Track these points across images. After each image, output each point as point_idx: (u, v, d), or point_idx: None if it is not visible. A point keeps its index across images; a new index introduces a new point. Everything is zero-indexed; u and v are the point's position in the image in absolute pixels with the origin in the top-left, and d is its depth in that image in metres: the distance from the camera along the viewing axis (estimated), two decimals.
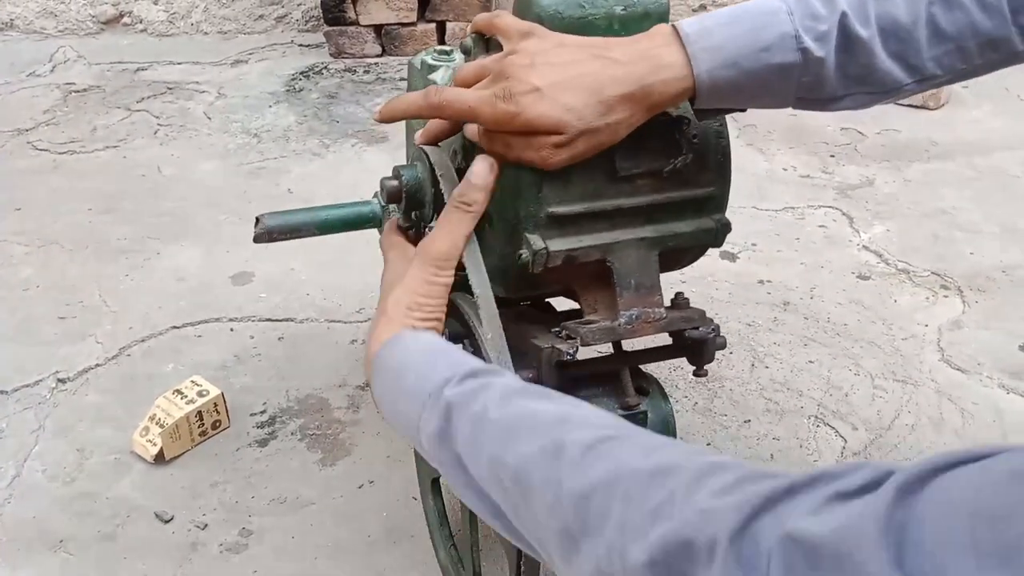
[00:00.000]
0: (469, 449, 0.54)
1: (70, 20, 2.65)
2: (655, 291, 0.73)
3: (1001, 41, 0.63)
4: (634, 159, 0.69)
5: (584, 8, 0.68)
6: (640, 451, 0.46)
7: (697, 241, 0.75)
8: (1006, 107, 2.07)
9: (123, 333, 1.35)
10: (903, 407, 1.19)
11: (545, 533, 0.48)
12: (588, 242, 0.71)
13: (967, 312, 1.38)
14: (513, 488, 0.50)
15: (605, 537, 0.43)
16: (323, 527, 1.04)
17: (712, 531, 0.38)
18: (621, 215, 0.71)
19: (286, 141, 1.94)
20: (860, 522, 0.32)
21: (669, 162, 0.71)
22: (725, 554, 0.37)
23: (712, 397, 1.21)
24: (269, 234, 0.83)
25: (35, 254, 1.56)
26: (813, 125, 1.96)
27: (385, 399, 0.63)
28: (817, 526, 0.34)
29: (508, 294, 0.80)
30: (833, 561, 0.33)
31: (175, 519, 1.05)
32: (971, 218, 1.63)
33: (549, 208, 0.69)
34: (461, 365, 0.58)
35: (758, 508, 0.37)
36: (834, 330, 1.34)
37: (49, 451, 1.14)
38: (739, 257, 1.52)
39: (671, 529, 0.40)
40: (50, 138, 1.97)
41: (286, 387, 1.24)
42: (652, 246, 0.73)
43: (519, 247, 0.69)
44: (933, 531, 0.30)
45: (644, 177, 0.71)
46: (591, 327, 0.71)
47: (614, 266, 0.72)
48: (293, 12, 2.67)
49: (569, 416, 0.51)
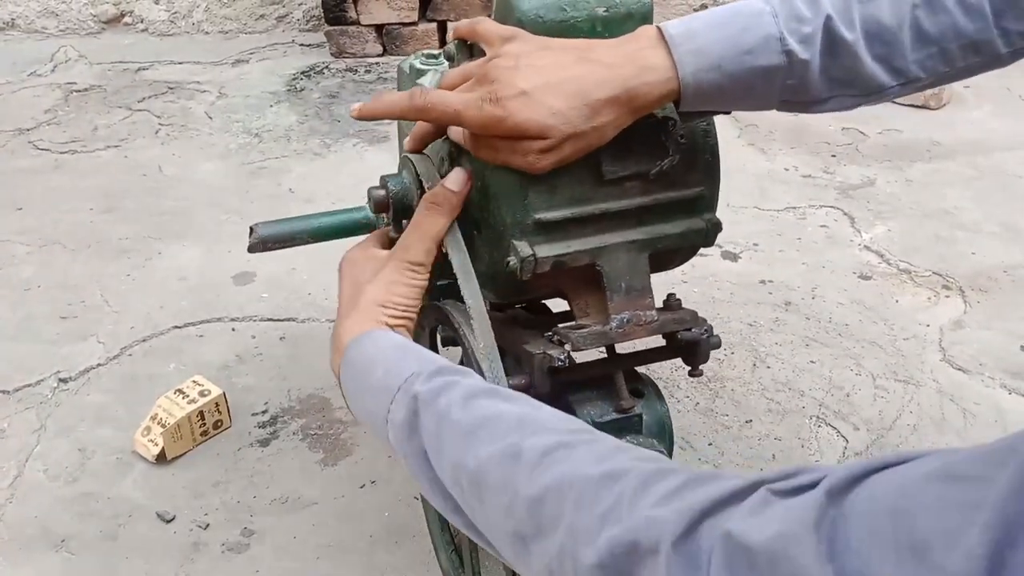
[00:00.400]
0: (433, 445, 0.55)
1: (71, 20, 2.65)
2: (646, 294, 0.73)
3: (983, 44, 0.63)
4: (621, 162, 0.69)
5: (566, 11, 0.68)
6: (592, 457, 0.47)
7: (687, 242, 0.75)
8: (1007, 107, 2.07)
9: (125, 333, 1.35)
10: (905, 407, 1.19)
11: (499, 534, 0.50)
12: (576, 247, 0.71)
13: (969, 312, 1.38)
14: (470, 489, 0.51)
15: (557, 540, 0.45)
16: (325, 527, 1.04)
17: (657, 535, 0.40)
18: (609, 219, 0.71)
19: (287, 141, 1.94)
20: (794, 520, 0.34)
21: (656, 164, 0.70)
22: (669, 556, 0.38)
23: (714, 397, 1.21)
24: (263, 243, 0.83)
25: (36, 253, 1.56)
26: (815, 125, 1.96)
27: (353, 391, 0.64)
28: (754, 525, 0.36)
29: (499, 299, 0.79)
30: (768, 557, 0.34)
31: (177, 519, 1.05)
32: (973, 218, 1.63)
33: (536, 214, 0.68)
34: (430, 363, 0.59)
35: (702, 512, 0.39)
36: (836, 330, 1.34)
37: (51, 451, 1.14)
38: (741, 257, 1.52)
39: (618, 533, 0.41)
40: (51, 138, 1.97)
41: (288, 387, 1.24)
42: (642, 248, 0.72)
43: (507, 254, 0.69)
44: (859, 529, 0.32)
45: (631, 180, 0.70)
46: (582, 332, 0.71)
47: (604, 270, 0.71)
48: (294, 12, 2.67)
49: (528, 420, 0.52)
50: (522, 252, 0.68)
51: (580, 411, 0.74)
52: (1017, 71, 0.72)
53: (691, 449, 1.13)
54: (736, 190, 1.71)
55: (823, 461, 1.11)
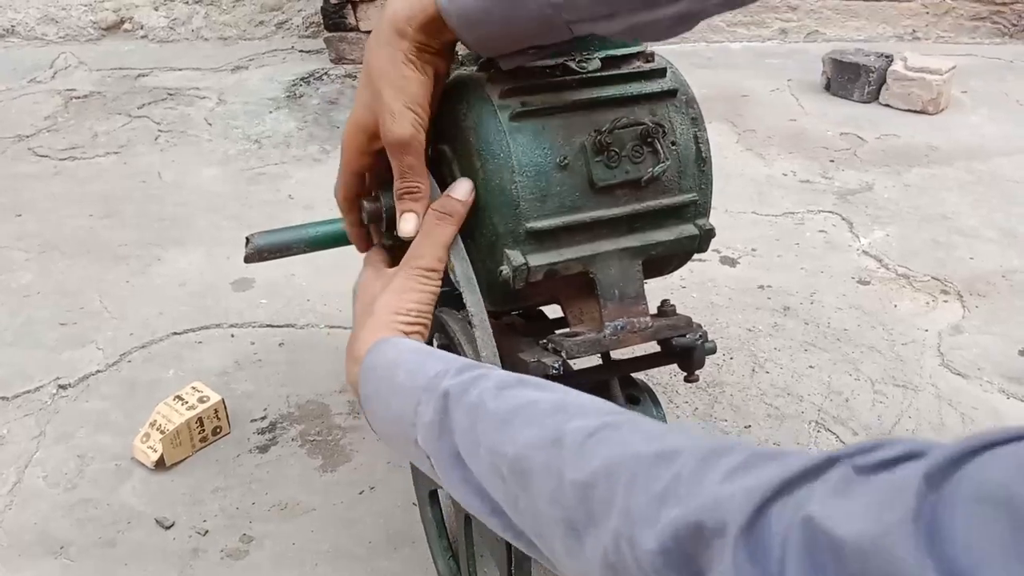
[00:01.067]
0: (467, 440, 0.52)
1: (71, 26, 2.65)
2: (640, 300, 0.73)
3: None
4: (612, 169, 0.69)
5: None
6: (642, 436, 0.45)
7: (681, 248, 0.75)
8: (1005, 112, 2.08)
9: (124, 339, 1.35)
10: (903, 412, 1.19)
11: (547, 525, 0.47)
12: (569, 255, 0.71)
13: (967, 317, 1.38)
14: (512, 479, 0.49)
15: (611, 525, 0.42)
16: (324, 533, 1.04)
17: (723, 515, 0.36)
18: (601, 226, 0.71)
19: (287, 147, 1.94)
20: (888, 506, 0.30)
21: (647, 171, 0.70)
22: (736, 539, 0.35)
23: (713, 403, 1.21)
24: (259, 254, 0.84)
25: (36, 260, 1.56)
26: (813, 131, 1.96)
27: (375, 398, 0.62)
28: (839, 509, 0.32)
29: (494, 308, 0.80)
30: (857, 547, 0.30)
31: (176, 525, 1.05)
32: (970, 223, 1.63)
33: (528, 223, 0.69)
34: (454, 360, 0.58)
35: (773, 491, 0.35)
36: (834, 335, 1.34)
37: (50, 457, 1.14)
38: (739, 262, 1.52)
39: (680, 514, 0.38)
40: (51, 144, 1.97)
41: (287, 393, 1.24)
42: (635, 255, 0.72)
43: (500, 263, 0.69)
44: (966, 519, 0.28)
45: (623, 187, 0.71)
46: (576, 340, 0.71)
47: (597, 277, 0.71)
48: (294, 18, 2.67)
49: (567, 404, 0.50)
50: (515, 261, 0.68)
51: None
52: (1014, 75, 0.72)
53: None
54: (734, 195, 1.71)
55: None
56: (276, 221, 1.53)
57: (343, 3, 2.30)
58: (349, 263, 1.37)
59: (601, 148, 0.68)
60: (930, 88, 2.05)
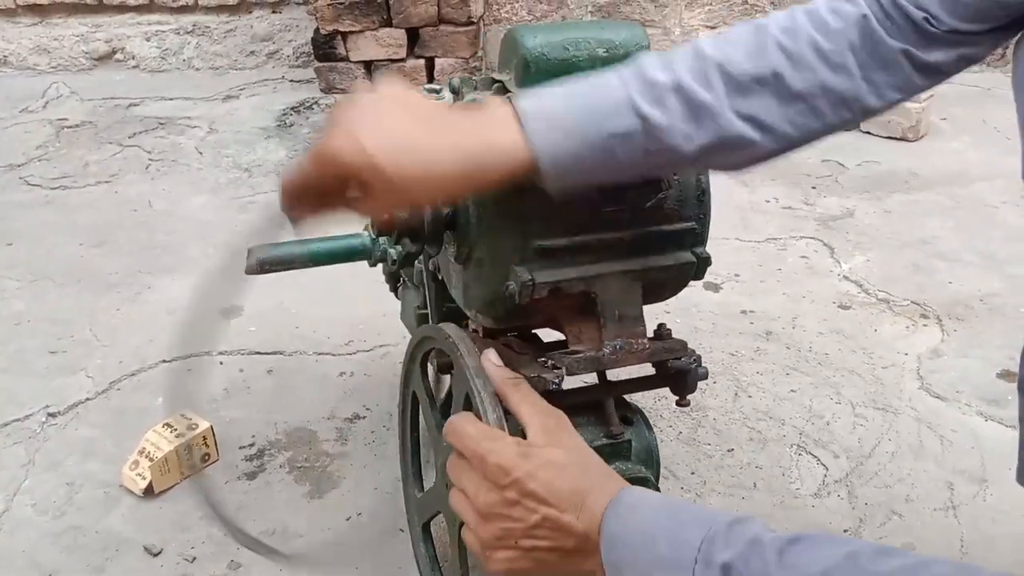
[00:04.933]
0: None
1: (63, 56, 2.68)
2: (639, 322, 0.75)
3: (852, 99, 0.63)
4: (616, 194, 0.72)
5: (568, 51, 0.71)
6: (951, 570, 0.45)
7: (679, 274, 0.77)
8: (984, 138, 2.11)
9: (113, 367, 1.36)
10: (884, 435, 1.21)
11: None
12: (573, 274, 0.73)
13: (946, 340, 1.40)
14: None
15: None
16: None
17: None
18: (605, 248, 0.74)
19: (277, 175, 1.96)
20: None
21: (651, 197, 0.73)
22: None
23: (696, 427, 1.23)
24: (260, 266, 0.85)
25: (27, 288, 1.57)
26: (795, 158, 1.98)
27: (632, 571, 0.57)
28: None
29: (497, 324, 0.81)
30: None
31: (164, 552, 1.05)
32: (950, 247, 1.66)
33: (536, 242, 0.71)
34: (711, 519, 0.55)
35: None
36: (816, 359, 1.36)
37: (39, 485, 1.15)
38: (722, 287, 1.54)
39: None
40: (42, 173, 1.99)
41: (275, 420, 1.25)
42: (635, 278, 0.75)
43: (507, 278, 0.71)
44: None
45: (627, 212, 0.73)
46: (576, 357, 0.73)
47: (598, 297, 0.73)
48: (284, 48, 2.71)
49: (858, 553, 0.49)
50: (522, 277, 0.71)
51: None
52: (993, 103, 0.75)
53: (674, 478, 1.14)
54: (718, 221, 1.71)
55: (803, 489, 1.13)
56: None
57: (333, 34, 2.33)
58: (337, 291, 1.39)
59: None
60: (910, 116, 2.09)
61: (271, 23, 2.69)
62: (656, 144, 0.61)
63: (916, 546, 1.04)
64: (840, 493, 1.12)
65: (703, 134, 0.62)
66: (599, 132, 0.60)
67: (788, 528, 1.06)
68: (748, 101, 0.62)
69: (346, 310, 1.45)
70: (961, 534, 1.06)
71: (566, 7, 2.62)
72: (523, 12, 2.61)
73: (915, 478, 1.14)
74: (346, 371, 1.35)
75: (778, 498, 1.11)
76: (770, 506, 1.10)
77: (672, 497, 0.63)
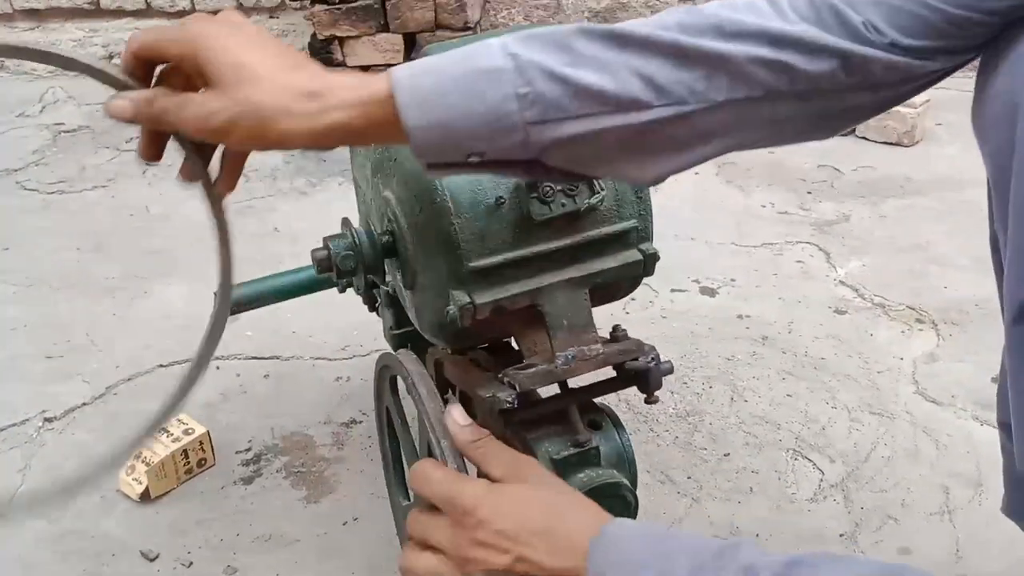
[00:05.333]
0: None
1: None
2: (589, 328, 0.75)
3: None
4: (547, 204, 0.71)
5: None
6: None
7: (627, 273, 0.77)
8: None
9: (110, 372, 1.36)
10: (879, 439, 1.21)
11: None
12: (515, 290, 0.73)
13: (941, 345, 1.41)
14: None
15: None
16: (308, 564, 1.04)
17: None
18: (544, 259, 0.73)
19: (273, 180, 1.96)
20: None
21: (583, 202, 0.72)
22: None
23: (692, 431, 1.23)
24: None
25: (23, 293, 1.57)
26: (791, 163, 2.00)
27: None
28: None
29: (451, 347, 0.81)
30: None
31: (160, 557, 1.05)
32: (945, 252, 1.67)
33: (470, 263, 0.71)
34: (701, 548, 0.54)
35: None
36: (812, 364, 1.36)
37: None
38: (719, 292, 1.55)
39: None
40: (39, 178, 1.99)
41: (271, 424, 1.25)
42: (580, 285, 0.74)
43: (447, 303, 0.71)
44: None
45: (561, 220, 0.73)
46: (528, 372, 0.72)
47: (544, 309, 0.73)
48: None
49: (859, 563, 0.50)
50: (460, 300, 0.70)
51: (538, 449, 0.74)
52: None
53: (670, 483, 1.14)
54: (714, 226, 1.74)
55: (799, 494, 1.13)
56: (263, 254, 1.55)
57: (330, 39, 2.33)
58: (334, 296, 1.40)
59: (534, 184, 0.71)
60: (905, 121, 2.09)
61: (268, 28, 2.69)
62: (526, 85, 0.54)
63: (912, 550, 1.04)
64: (836, 497, 1.12)
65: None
66: (464, 69, 0.55)
67: (784, 534, 1.07)
68: (648, 63, 0.56)
69: (342, 315, 1.45)
70: (956, 538, 1.06)
71: (562, 12, 2.63)
72: (519, 18, 2.62)
73: (911, 482, 1.14)
74: (342, 376, 1.35)
75: (774, 503, 1.12)
76: (766, 510, 1.10)
77: (658, 526, 0.61)
